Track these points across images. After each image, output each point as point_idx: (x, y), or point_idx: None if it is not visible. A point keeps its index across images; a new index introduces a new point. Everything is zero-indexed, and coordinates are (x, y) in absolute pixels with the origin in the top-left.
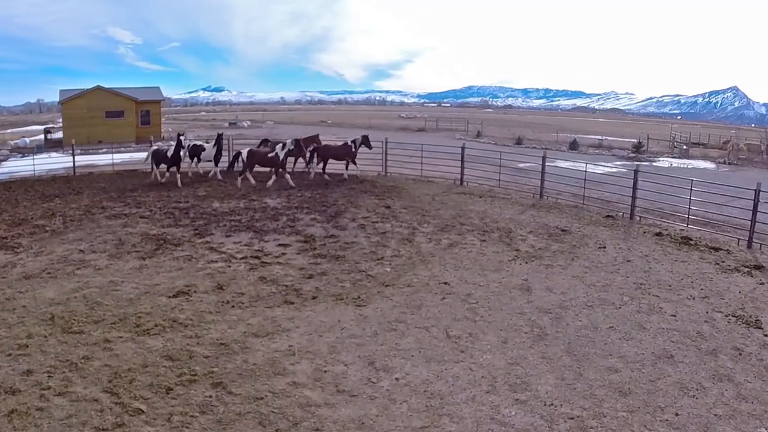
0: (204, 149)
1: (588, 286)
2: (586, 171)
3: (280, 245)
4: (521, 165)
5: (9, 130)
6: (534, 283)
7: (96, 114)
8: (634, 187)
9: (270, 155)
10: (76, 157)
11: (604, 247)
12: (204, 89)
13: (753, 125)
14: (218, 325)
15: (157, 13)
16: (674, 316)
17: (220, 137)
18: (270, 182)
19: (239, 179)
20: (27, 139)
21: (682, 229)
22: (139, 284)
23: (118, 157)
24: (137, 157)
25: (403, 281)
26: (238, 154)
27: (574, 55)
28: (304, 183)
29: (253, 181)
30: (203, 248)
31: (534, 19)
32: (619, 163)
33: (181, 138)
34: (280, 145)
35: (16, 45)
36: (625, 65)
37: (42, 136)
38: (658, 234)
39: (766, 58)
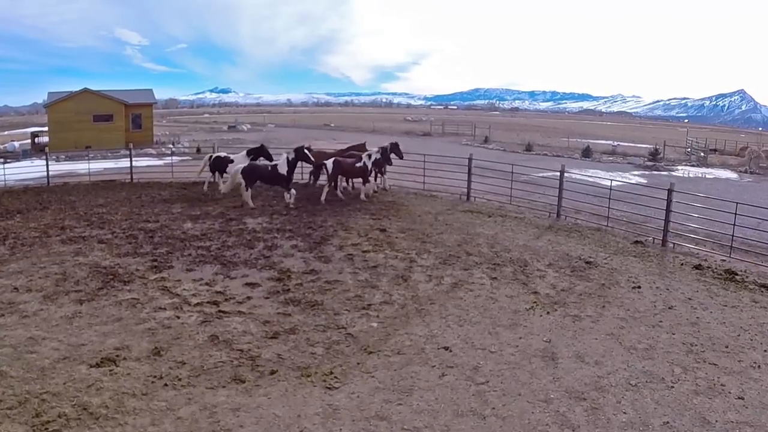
0: (232, 161)
1: (628, 350)
2: (611, 189)
3: (247, 284)
4: (534, 175)
5: (6, 132)
6: (560, 347)
7: (83, 118)
8: (668, 210)
9: (357, 165)
10: (58, 164)
11: (639, 287)
12: (211, 90)
13: (760, 129)
14: (139, 419)
15: (164, 14)
16: (741, 398)
17: (262, 149)
18: (363, 194)
19: (324, 193)
20: (16, 143)
21: (724, 260)
22: (62, 343)
23: (102, 166)
24: (122, 165)
25: (392, 344)
26: (321, 165)
27: (581, 58)
28: (295, 198)
29: (341, 196)
30: (155, 288)
31: (541, 22)
32: (637, 173)
33: (307, 151)
34: (367, 154)
35: (25, 45)
36: (632, 68)
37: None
38: (698, 267)
39: None
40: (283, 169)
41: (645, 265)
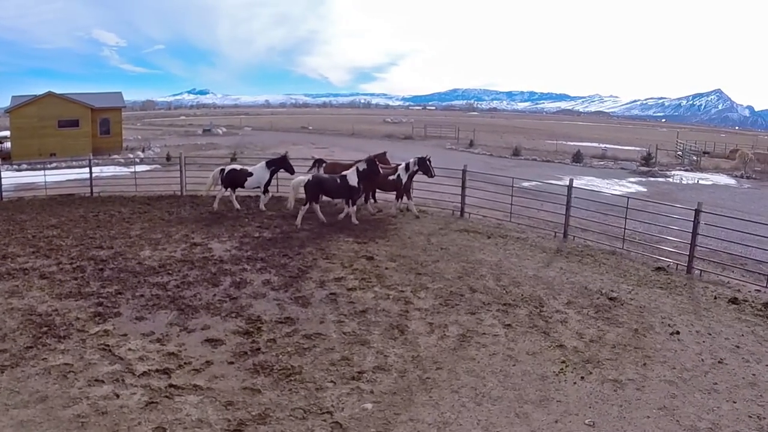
0: (251, 174)
1: None
2: (627, 207)
3: (208, 341)
4: (525, 185)
5: None
6: None
7: (47, 123)
8: (695, 233)
9: (390, 178)
10: (18, 175)
11: (678, 332)
12: (189, 92)
13: (737, 128)
14: None
15: (141, 15)
16: None
17: (284, 159)
18: (393, 209)
19: (347, 211)
20: None
21: (758, 290)
22: None
23: (64, 177)
24: (86, 176)
25: None
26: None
27: (559, 58)
28: (267, 216)
29: (372, 211)
30: (94, 348)
31: (519, 23)
32: (633, 179)
33: (365, 164)
34: (403, 165)
35: (1, 47)
36: (610, 68)
37: None
38: (734, 301)
39: (749, 60)
40: (353, 181)
41: (675, 300)
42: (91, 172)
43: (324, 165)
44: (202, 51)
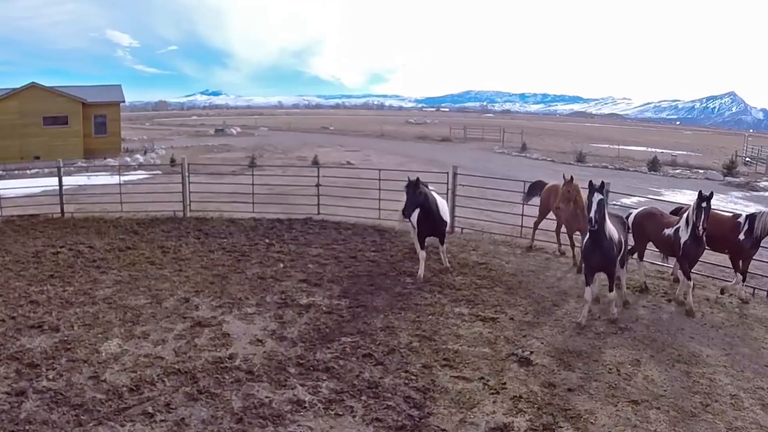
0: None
1: None
2: None
3: None
4: (627, 201)
5: None
6: None
7: (30, 121)
8: None
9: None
10: None
11: None
12: (202, 93)
13: (751, 130)
14: None
15: (155, 16)
16: None
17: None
18: (742, 292)
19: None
20: None
21: None
22: None
23: (38, 188)
24: (70, 184)
25: None
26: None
27: (572, 60)
28: (312, 258)
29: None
30: None
31: (532, 25)
32: (738, 194)
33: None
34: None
35: (15, 47)
36: (623, 70)
37: None
38: None
39: (763, 63)
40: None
41: None
42: (61, 185)
43: (543, 189)
44: (214, 52)
